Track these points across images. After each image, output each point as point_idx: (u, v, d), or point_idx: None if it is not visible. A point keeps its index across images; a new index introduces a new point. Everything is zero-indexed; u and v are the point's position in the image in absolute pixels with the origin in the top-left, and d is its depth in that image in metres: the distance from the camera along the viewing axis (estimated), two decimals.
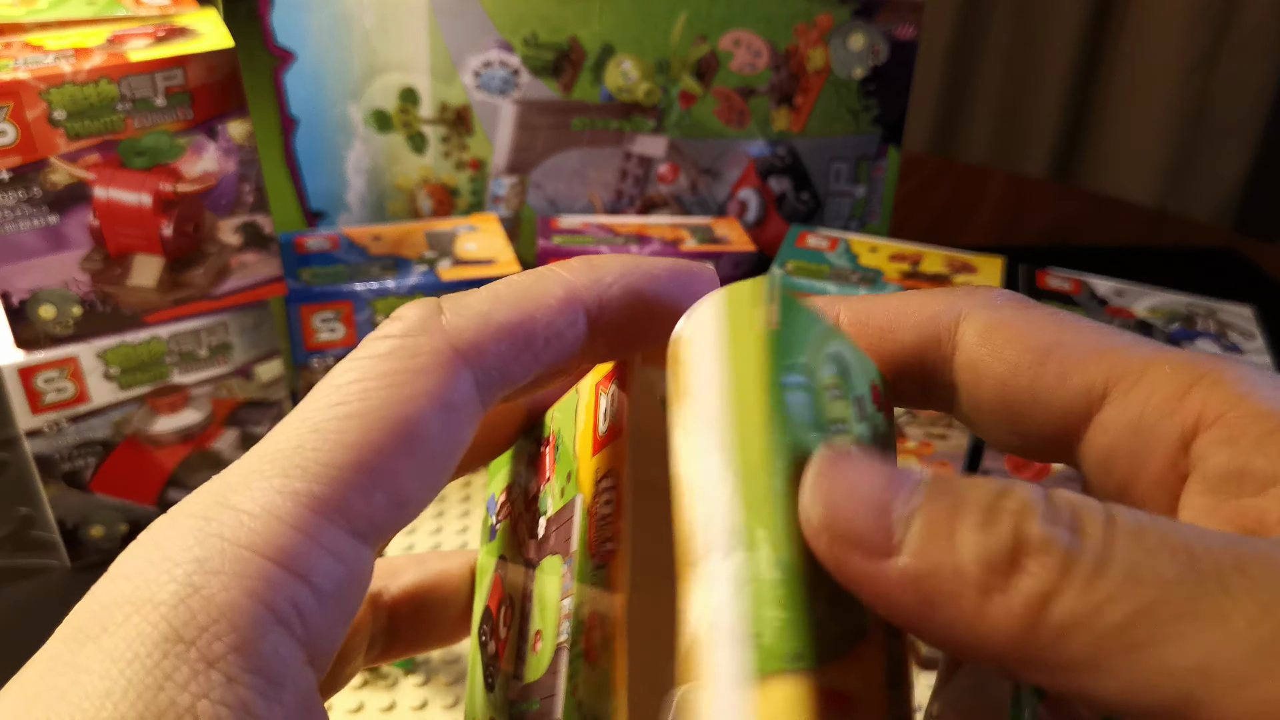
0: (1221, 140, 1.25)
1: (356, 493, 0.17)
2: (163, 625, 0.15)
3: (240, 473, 0.17)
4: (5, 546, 0.53)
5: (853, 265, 0.56)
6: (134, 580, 0.16)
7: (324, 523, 0.16)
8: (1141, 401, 0.19)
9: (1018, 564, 0.15)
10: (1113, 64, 1.28)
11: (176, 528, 0.16)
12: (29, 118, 0.42)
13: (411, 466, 0.17)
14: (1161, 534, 0.15)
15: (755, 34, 0.60)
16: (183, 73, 0.44)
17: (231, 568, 0.16)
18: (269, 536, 0.16)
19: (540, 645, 0.21)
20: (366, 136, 0.61)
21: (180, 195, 0.46)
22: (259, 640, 0.16)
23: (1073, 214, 0.94)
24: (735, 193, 0.65)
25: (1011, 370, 0.21)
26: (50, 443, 0.49)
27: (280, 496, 0.16)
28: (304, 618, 0.16)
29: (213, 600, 0.16)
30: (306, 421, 0.17)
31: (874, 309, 0.23)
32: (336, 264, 0.54)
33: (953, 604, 0.15)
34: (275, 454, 0.17)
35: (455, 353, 0.18)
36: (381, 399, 0.17)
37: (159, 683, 0.15)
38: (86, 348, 0.47)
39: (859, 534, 0.16)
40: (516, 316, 0.19)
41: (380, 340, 0.18)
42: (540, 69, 0.60)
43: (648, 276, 0.20)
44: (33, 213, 0.44)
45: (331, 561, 0.16)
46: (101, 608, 0.16)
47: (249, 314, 0.51)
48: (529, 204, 0.64)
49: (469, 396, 0.18)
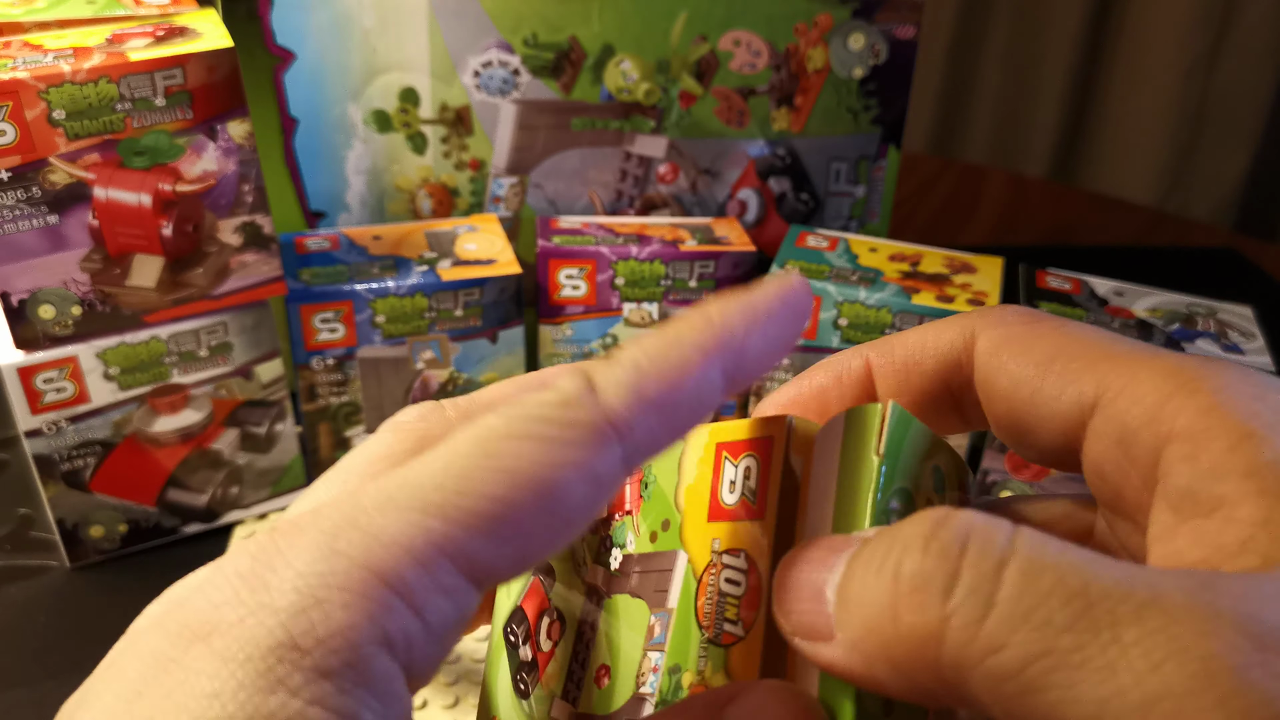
0: (1221, 140, 1.25)
1: (487, 544, 0.17)
2: (279, 632, 0.16)
3: (376, 496, 0.17)
4: (5, 546, 0.53)
5: (852, 265, 0.56)
6: (251, 584, 0.16)
7: (448, 565, 0.17)
8: (1124, 412, 0.19)
9: (898, 604, 0.16)
10: (1113, 64, 1.28)
11: (304, 538, 0.17)
12: (28, 117, 0.42)
13: (545, 531, 0.18)
14: (1060, 574, 0.15)
15: (755, 34, 0.60)
16: (182, 73, 0.44)
17: (356, 588, 0.16)
18: (395, 567, 0.16)
19: (608, 684, 0.22)
20: (366, 136, 0.61)
21: (180, 195, 0.46)
22: (372, 660, 0.16)
23: (1073, 214, 0.94)
24: (735, 193, 0.64)
25: (1014, 384, 0.21)
26: (50, 443, 0.49)
27: (412, 529, 0.17)
28: (411, 649, 0.17)
29: (332, 616, 0.16)
30: (454, 463, 0.17)
31: (896, 347, 0.23)
32: (336, 264, 0.54)
33: (878, 658, 0.17)
34: (416, 487, 0.17)
35: (610, 429, 0.18)
36: (533, 462, 0.17)
37: (271, 686, 0.15)
38: (86, 348, 0.47)
39: (808, 626, 0.18)
40: (663, 389, 0.19)
41: (537, 404, 0.18)
42: (540, 69, 0.60)
43: (767, 316, 0.20)
44: (32, 213, 0.44)
45: (446, 601, 0.17)
46: (213, 607, 0.16)
47: (249, 314, 0.51)
48: (529, 204, 0.64)
49: (614, 470, 0.18)
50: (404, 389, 0.56)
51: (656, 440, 0.19)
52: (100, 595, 0.51)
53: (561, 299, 0.58)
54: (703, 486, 0.21)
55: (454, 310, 0.54)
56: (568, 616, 0.23)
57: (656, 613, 0.21)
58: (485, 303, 0.55)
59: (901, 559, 0.16)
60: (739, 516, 0.20)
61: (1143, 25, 1.23)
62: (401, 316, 0.54)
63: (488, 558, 0.17)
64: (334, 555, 0.16)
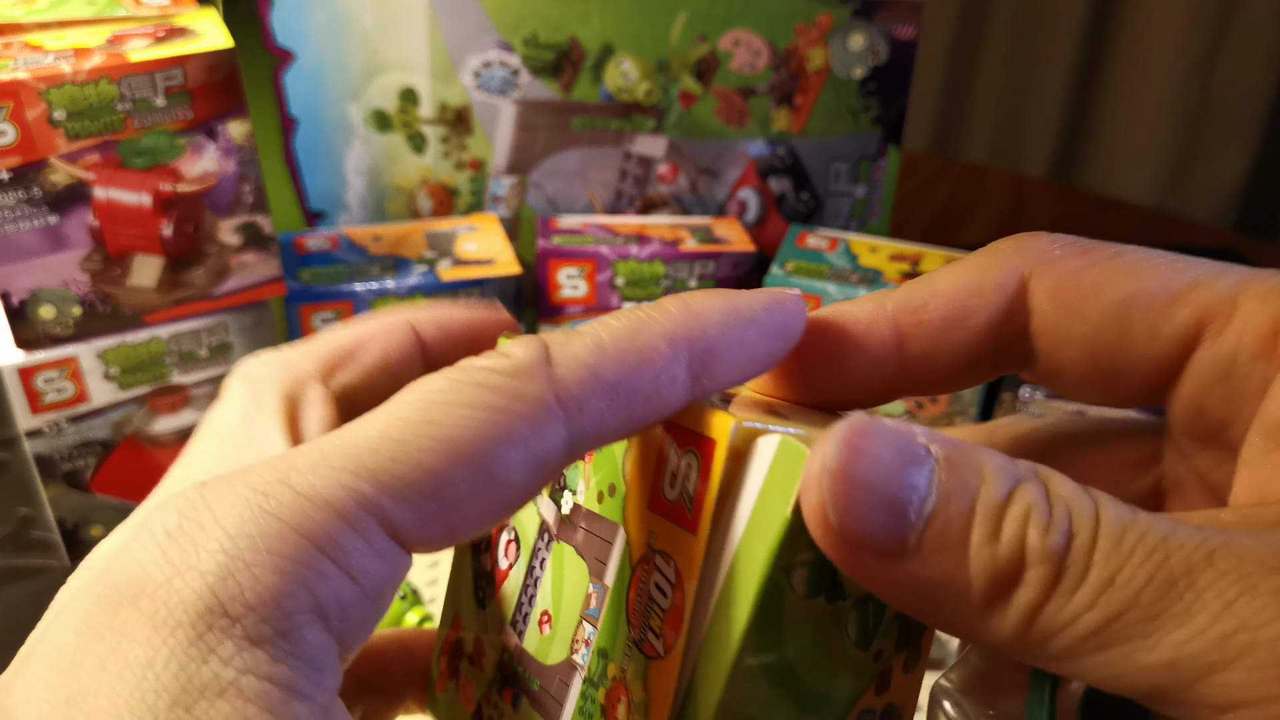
0: (1221, 140, 1.25)
1: (419, 513, 0.16)
2: (208, 595, 0.15)
3: (310, 455, 0.17)
4: (5, 546, 0.53)
5: (852, 265, 0.56)
6: (180, 542, 0.16)
7: (378, 528, 0.16)
8: (1233, 343, 0.18)
9: (1019, 577, 0.16)
10: (1113, 64, 1.28)
11: (234, 497, 0.16)
12: (29, 118, 0.42)
13: (481, 506, 0.17)
14: (1140, 533, 0.15)
15: (755, 34, 0.60)
16: (182, 73, 0.44)
17: (285, 550, 0.16)
18: (327, 529, 0.16)
19: (549, 630, 0.22)
20: (366, 136, 0.61)
21: (180, 195, 0.46)
22: (304, 629, 0.16)
23: (1073, 214, 0.94)
24: (735, 193, 0.65)
25: (1095, 330, 0.19)
26: (50, 443, 0.49)
27: (344, 491, 0.16)
28: (344, 613, 0.16)
29: (261, 580, 0.15)
30: (392, 428, 0.17)
31: (929, 302, 0.21)
32: (336, 264, 0.54)
33: (958, 609, 0.16)
34: (351, 449, 0.17)
35: (557, 405, 0.17)
36: (473, 433, 0.17)
37: (203, 655, 0.15)
38: (86, 348, 0.47)
39: (873, 538, 0.16)
40: (621, 373, 0.18)
41: (485, 371, 0.17)
42: (540, 69, 0.60)
43: (748, 322, 0.19)
44: (33, 213, 0.44)
45: (378, 564, 0.16)
46: (139, 567, 0.16)
47: (249, 314, 0.51)
48: (529, 204, 0.64)
49: (558, 450, 0.17)
50: None
51: (605, 425, 0.18)
52: None
53: (561, 299, 0.58)
54: (647, 466, 0.20)
55: None
56: (523, 542, 0.23)
57: (594, 583, 0.20)
58: None
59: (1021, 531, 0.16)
60: (674, 519, 0.19)
61: (1143, 25, 1.23)
62: None
63: (417, 527, 0.17)
64: (264, 515, 0.16)
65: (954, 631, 0.17)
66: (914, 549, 0.16)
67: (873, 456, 0.16)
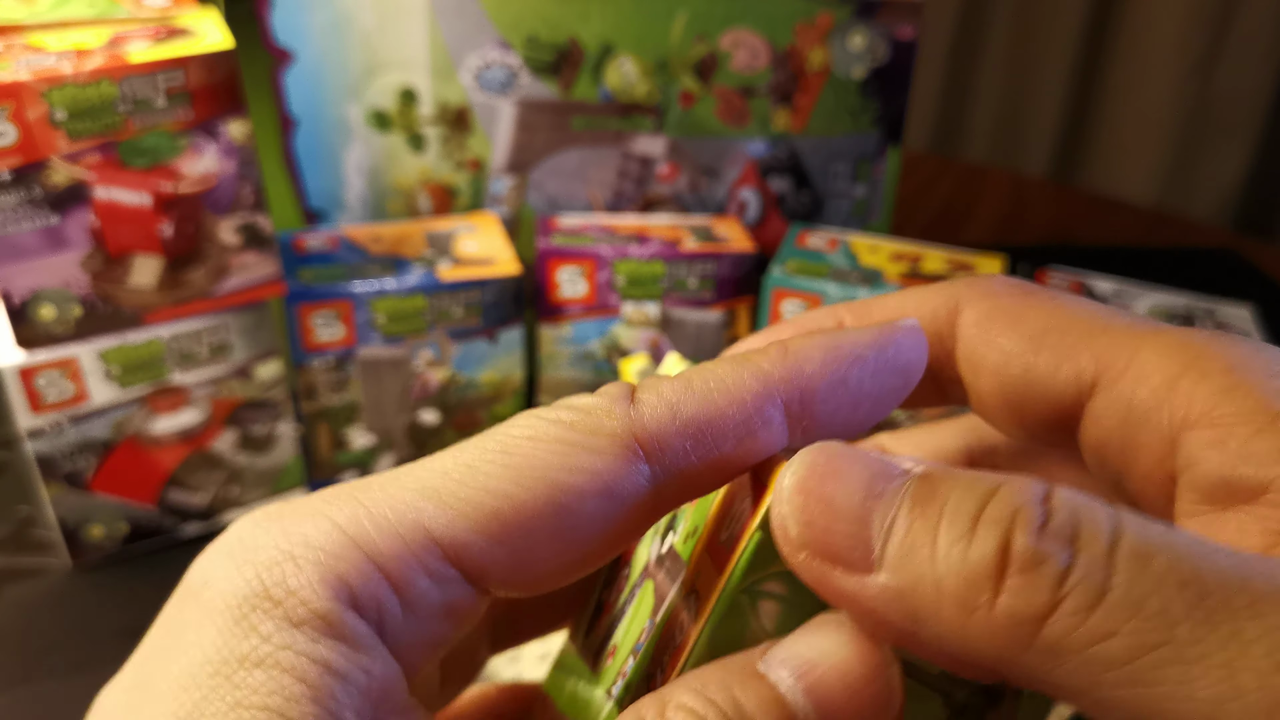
0: (1221, 140, 1.25)
1: (481, 538, 0.17)
2: (255, 582, 0.16)
3: (384, 478, 0.17)
4: (5, 546, 0.53)
5: (852, 265, 0.56)
6: (245, 543, 0.17)
7: (434, 549, 0.17)
8: (1129, 392, 0.18)
9: (1000, 581, 0.14)
10: (1113, 64, 1.28)
11: (305, 506, 0.17)
12: (30, 118, 0.42)
13: (549, 537, 0.17)
14: (1172, 559, 0.14)
15: (755, 33, 0.60)
16: (183, 73, 0.44)
17: (330, 548, 0.16)
18: (375, 537, 0.17)
19: (609, 664, 0.21)
20: (366, 136, 0.61)
21: (180, 195, 0.46)
22: (340, 615, 0.16)
23: (1073, 214, 0.94)
24: (735, 192, 0.65)
25: (1005, 358, 0.20)
26: (50, 443, 0.49)
27: (405, 509, 0.17)
28: (383, 619, 0.17)
29: (303, 570, 0.16)
30: (464, 456, 0.17)
31: (874, 310, 0.22)
32: (336, 264, 0.54)
33: (935, 620, 0.15)
34: (423, 474, 0.17)
35: (635, 441, 0.17)
36: (543, 462, 0.17)
37: (245, 632, 0.16)
38: (86, 348, 0.48)
39: (837, 550, 0.15)
40: (705, 411, 0.17)
41: (566, 409, 0.17)
42: (540, 69, 0.60)
43: (854, 360, 0.18)
44: (33, 213, 0.44)
45: (429, 584, 0.17)
46: (210, 563, 0.17)
47: (249, 314, 0.51)
48: (528, 204, 0.64)
49: (638, 489, 0.17)
50: (403, 389, 0.56)
51: (689, 467, 0.17)
52: (101, 595, 0.51)
53: (561, 299, 0.58)
54: (721, 511, 0.19)
55: (453, 310, 0.54)
56: (630, 579, 0.22)
57: (650, 620, 0.20)
58: (485, 303, 0.55)
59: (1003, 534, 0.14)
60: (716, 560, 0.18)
61: (1143, 25, 1.23)
62: (401, 316, 0.54)
63: (479, 553, 0.17)
64: (320, 518, 0.17)
65: (945, 654, 0.15)
66: (879, 559, 0.15)
67: (840, 471, 0.16)
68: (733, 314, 0.59)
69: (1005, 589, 0.14)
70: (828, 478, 0.16)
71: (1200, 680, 0.13)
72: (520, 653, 0.46)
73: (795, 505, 0.16)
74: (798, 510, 0.16)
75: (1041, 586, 0.14)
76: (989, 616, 0.14)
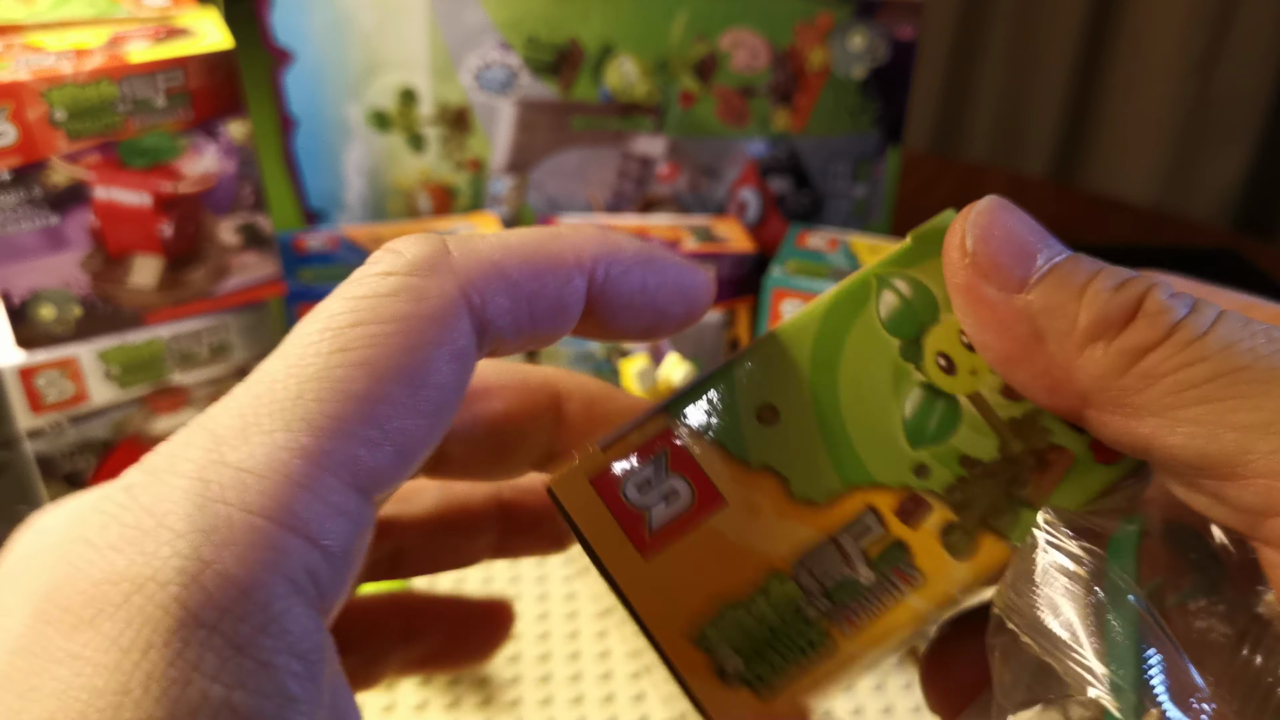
0: (1221, 140, 1.25)
1: (364, 447, 0.15)
2: (175, 608, 0.13)
3: (232, 424, 0.15)
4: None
5: (852, 265, 0.56)
6: (126, 553, 0.14)
7: (332, 480, 0.15)
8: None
9: (1129, 322, 0.17)
10: (1113, 64, 1.28)
11: (169, 491, 0.14)
12: (30, 118, 0.42)
13: (420, 419, 0.16)
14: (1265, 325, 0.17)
15: (755, 33, 0.60)
16: (183, 73, 0.44)
17: (244, 538, 0.14)
18: (280, 500, 0.14)
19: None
20: (366, 136, 0.61)
21: (180, 195, 0.46)
22: (285, 617, 0.14)
23: (1073, 214, 0.94)
24: (735, 192, 0.65)
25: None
26: (50, 443, 0.49)
27: (286, 453, 0.15)
28: (318, 584, 0.15)
29: (228, 576, 0.14)
30: (305, 367, 0.15)
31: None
32: (336, 264, 0.54)
33: (1058, 342, 0.18)
34: (273, 403, 0.15)
35: (464, 298, 0.16)
36: (390, 346, 0.15)
37: (185, 675, 0.13)
38: (86, 348, 0.48)
39: (1000, 266, 0.18)
40: (528, 274, 0.17)
41: (382, 278, 0.16)
42: (540, 69, 0.60)
43: (657, 271, 0.18)
44: (33, 213, 0.44)
45: (341, 520, 0.15)
46: (91, 585, 0.14)
47: (249, 314, 0.51)
48: (528, 204, 0.64)
49: (473, 345, 0.16)
50: None
51: (507, 326, 0.17)
52: None
53: None
54: None
55: None
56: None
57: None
58: None
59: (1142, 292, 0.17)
60: None
61: (1143, 25, 1.23)
62: None
63: (369, 462, 0.15)
64: (209, 504, 0.14)
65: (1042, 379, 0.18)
66: (1033, 284, 0.18)
67: (1019, 215, 0.19)
68: (733, 314, 0.59)
69: (1131, 327, 0.17)
70: (1010, 214, 0.19)
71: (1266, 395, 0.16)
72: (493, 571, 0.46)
73: (978, 224, 0.19)
74: (979, 229, 0.19)
75: (1161, 326, 0.17)
76: (1106, 347, 0.17)
